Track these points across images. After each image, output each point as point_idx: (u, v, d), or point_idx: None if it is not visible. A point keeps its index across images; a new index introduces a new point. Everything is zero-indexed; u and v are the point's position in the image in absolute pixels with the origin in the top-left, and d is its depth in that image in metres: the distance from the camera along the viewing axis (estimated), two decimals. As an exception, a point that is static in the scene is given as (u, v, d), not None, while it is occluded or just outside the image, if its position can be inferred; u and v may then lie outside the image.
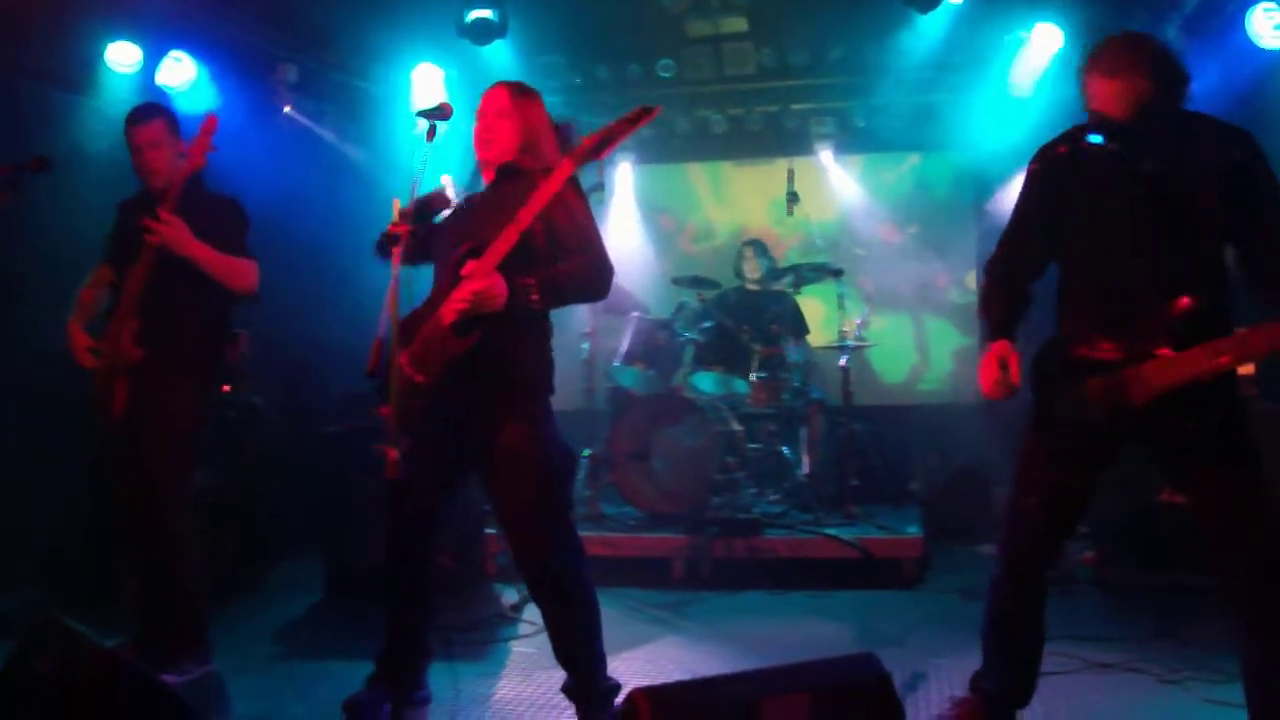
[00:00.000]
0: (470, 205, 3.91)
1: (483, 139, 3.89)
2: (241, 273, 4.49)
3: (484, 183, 3.95)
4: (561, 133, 3.97)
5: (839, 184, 9.50)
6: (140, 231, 4.33)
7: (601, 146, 3.56)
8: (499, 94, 3.92)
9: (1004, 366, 3.37)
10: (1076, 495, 3.40)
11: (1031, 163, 3.47)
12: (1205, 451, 3.17)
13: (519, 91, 3.94)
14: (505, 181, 3.85)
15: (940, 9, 7.24)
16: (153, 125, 4.52)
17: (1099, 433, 3.22)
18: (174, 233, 4.28)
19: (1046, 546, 3.47)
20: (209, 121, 4.36)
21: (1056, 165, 3.38)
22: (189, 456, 4.53)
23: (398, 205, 3.46)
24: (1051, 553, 3.50)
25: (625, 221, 9.67)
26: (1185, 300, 3.06)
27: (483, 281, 3.52)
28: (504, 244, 3.52)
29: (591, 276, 3.74)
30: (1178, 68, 3.18)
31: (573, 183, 3.76)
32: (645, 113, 3.51)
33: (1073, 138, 3.33)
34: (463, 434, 3.74)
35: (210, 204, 4.56)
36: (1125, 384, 3.13)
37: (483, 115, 3.91)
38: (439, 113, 3.66)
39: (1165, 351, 3.07)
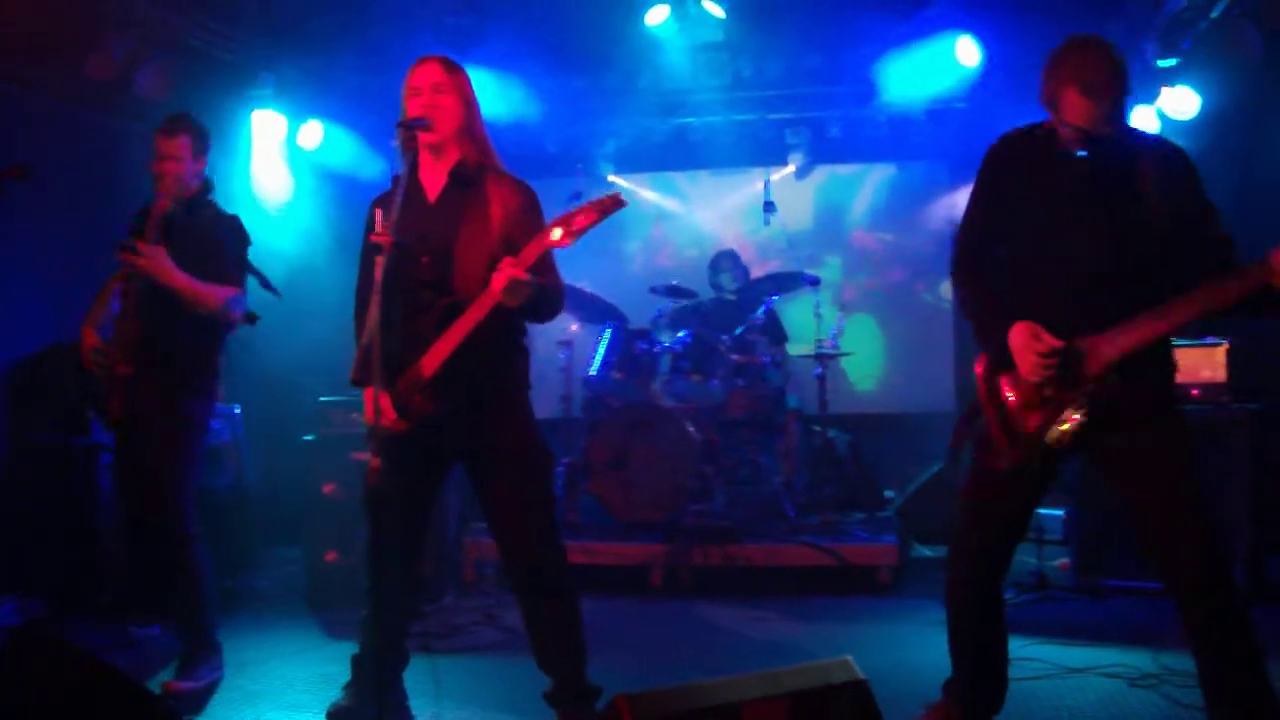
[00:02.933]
0: (416, 198, 3.76)
1: (425, 119, 3.70)
2: (211, 299, 4.49)
3: (419, 164, 3.81)
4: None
5: (814, 193, 9.56)
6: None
7: (570, 235, 3.54)
8: (432, 69, 3.76)
9: (1038, 337, 3.20)
10: (1022, 501, 3.47)
11: (996, 149, 3.50)
12: (1139, 456, 3.22)
13: (450, 65, 3.81)
14: (461, 186, 3.78)
15: (915, 20, 7.31)
16: (178, 140, 4.61)
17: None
18: (152, 264, 4.35)
19: (994, 552, 3.51)
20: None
21: (1022, 156, 3.43)
22: (193, 464, 4.61)
23: (380, 216, 3.44)
24: (1000, 558, 3.53)
25: (601, 230, 9.64)
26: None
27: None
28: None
29: (555, 298, 3.80)
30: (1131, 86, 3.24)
31: (538, 209, 3.83)
32: (617, 203, 3.50)
33: (1045, 139, 3.36)
34: (444, 437, 3.74)
35: (212, 222, 4.64)
36: (1080, 354, 3.17)
37: (418, 93, 3.72)
38: (419, 124, 3.66)
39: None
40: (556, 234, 3.51)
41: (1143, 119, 7.21)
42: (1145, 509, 3.24)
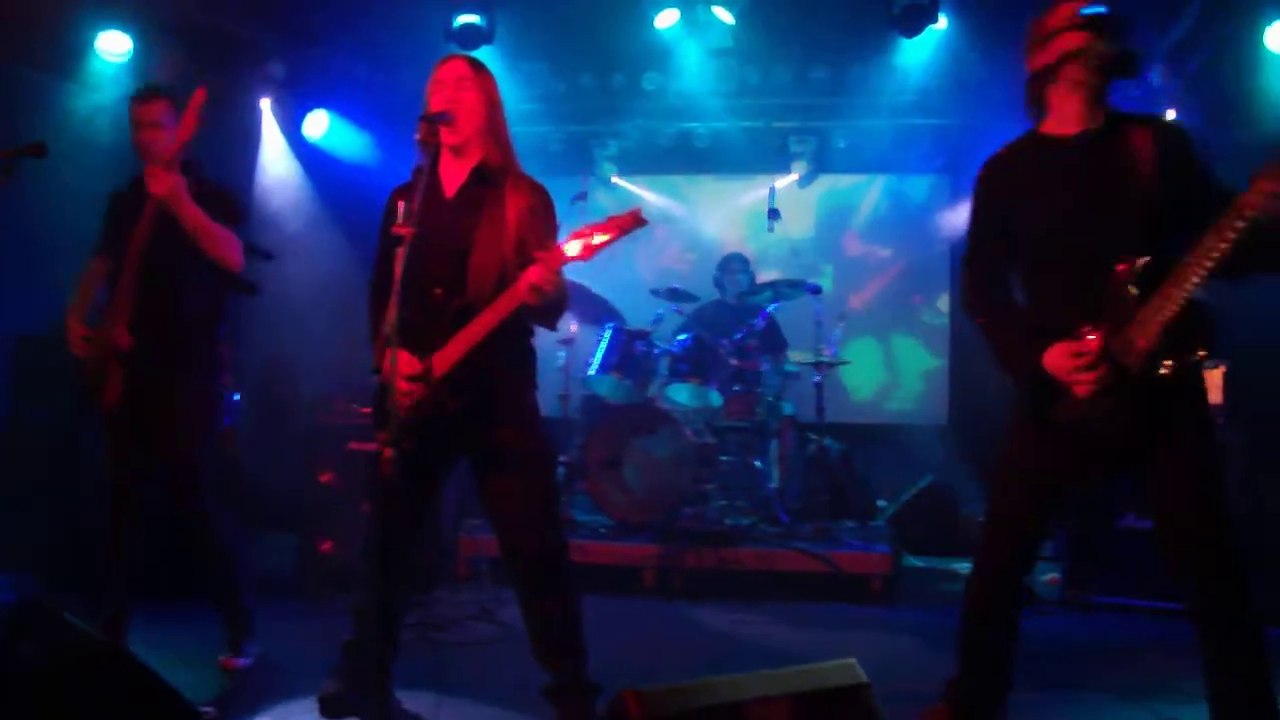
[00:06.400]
0: (434, 194, 3.76)
1: (447, 113, 3.67)
2: (227, 243, 4.38)
3: (439, 163, 3.79)
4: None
5: (816, 202, 9.62)
6: (135, 219, 4.31)
7: (588, 251, 3.49)
8: (456, 63, 3.76)
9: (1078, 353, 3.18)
10: (1056, 495, 3.49)
11: (984, 169, 3.58)
12: (1173, 463, 3.23)
13: (476, 64, 3.82)
14: (481, 186, 3.79)
15: (925, 34, 7.37)
16: (156, 104, 4.49)
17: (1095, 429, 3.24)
18: (172, 185, 4.20)
19: (1024, 550, 3.54)
20: (199, 94, 4.25)
21: (1011, 165, 3.51)
22: (203, 444, 4.54)
23: (403, 207, 3.43)
24: (1028, 557, 3.55)
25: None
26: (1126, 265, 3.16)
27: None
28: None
29: (565, 303, 3.75)
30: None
31: (551, 211, 3.83)
32: (637, 221, 3.47)
33: (1030, 142, 3.49)
34: (454, 431, 3.75)
35: (212, 190, 4.50)
36: (1126, 339, 3.14)
37: (441, 85, 3.71)
38: (442, 119, 3.65)
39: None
40: (574, 248, 3.48)
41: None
42: (1172, 521, 3.25)
